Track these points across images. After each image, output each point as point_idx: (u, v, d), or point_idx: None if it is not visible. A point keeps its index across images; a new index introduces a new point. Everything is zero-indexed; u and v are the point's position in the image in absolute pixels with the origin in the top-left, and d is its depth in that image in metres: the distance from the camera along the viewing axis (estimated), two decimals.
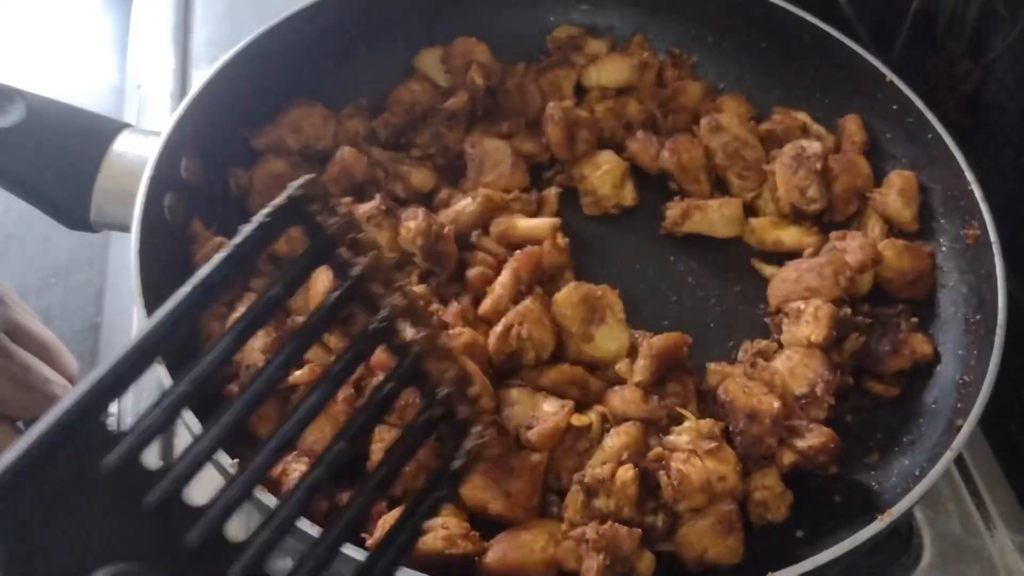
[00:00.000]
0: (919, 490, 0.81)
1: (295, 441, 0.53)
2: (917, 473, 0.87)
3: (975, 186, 0.99)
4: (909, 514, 0.85)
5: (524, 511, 0.84)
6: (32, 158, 0.96)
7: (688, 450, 0.85)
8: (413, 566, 0.72)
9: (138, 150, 0.96)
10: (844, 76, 1.12)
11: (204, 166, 1.01)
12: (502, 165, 1.08)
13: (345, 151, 1.05)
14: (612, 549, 0.79)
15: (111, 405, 0.45)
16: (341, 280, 0.53)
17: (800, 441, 0.88)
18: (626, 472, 0.83)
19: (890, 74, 1.08)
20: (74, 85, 1.42)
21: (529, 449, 0.86)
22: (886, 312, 0.99)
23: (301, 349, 0.52)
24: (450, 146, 1.10)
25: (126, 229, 0.90)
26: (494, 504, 0.84)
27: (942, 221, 1.04)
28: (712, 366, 0.96)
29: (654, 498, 0.85)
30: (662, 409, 0.89)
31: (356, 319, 0.55)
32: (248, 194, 1.04)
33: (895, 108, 1.08)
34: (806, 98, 1.16)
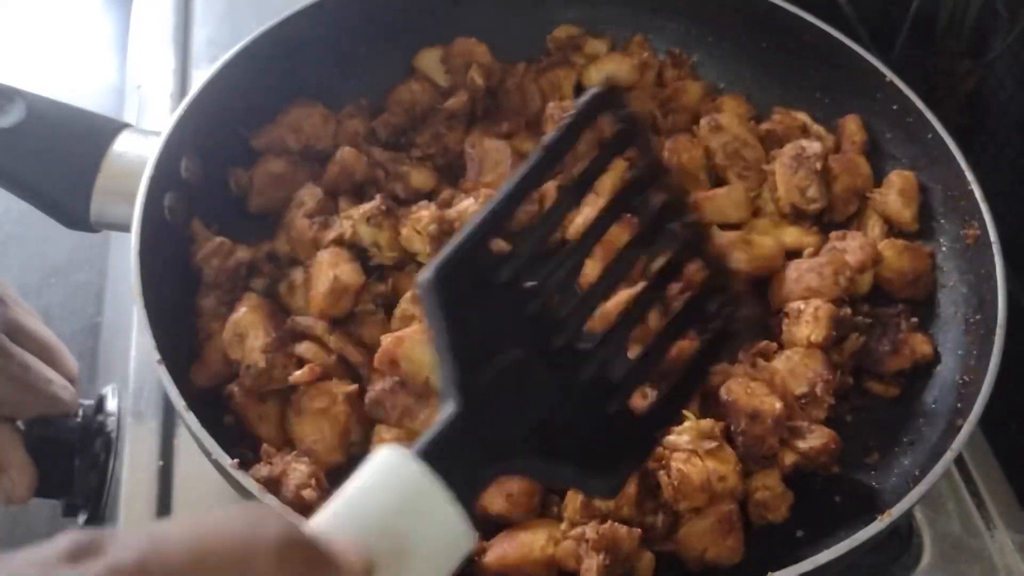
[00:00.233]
0: (919, 490, 0.81)
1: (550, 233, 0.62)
2: (917, 473, 0.87)
3: (975, 186, 0.99)
4: (909, 514, 0.85)
5: (524, 511, 0.84)
6: (32, 158, 0.96)
7: (688, 450, 0.85)
8: None
9: (138, 150, 0.96)
10: (844, 76, 1.12)
11: (204, 166, 1.01)
12: (502, 165, 1.08)
13: (345, 151, 1.05)
14: (612, 549, 0.79)
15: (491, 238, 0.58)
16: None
17: (801, 442, 0.88)
18: None
19: (890, 74, 1.08)
20: (74, 85, 1.42)
21: None
22: (886, 312, 0.99)
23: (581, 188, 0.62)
24: (450, 146, 1.10)
25: (126, 229, 0.90)
26: (494, 504, 0.84)
27: (942, 221, 1.04)
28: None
29: (654, 498, 0.85)
30: None
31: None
32: (248, 194, 1.04)
33: (895, 108, 1.08)
34: (806, 98, 1.16)
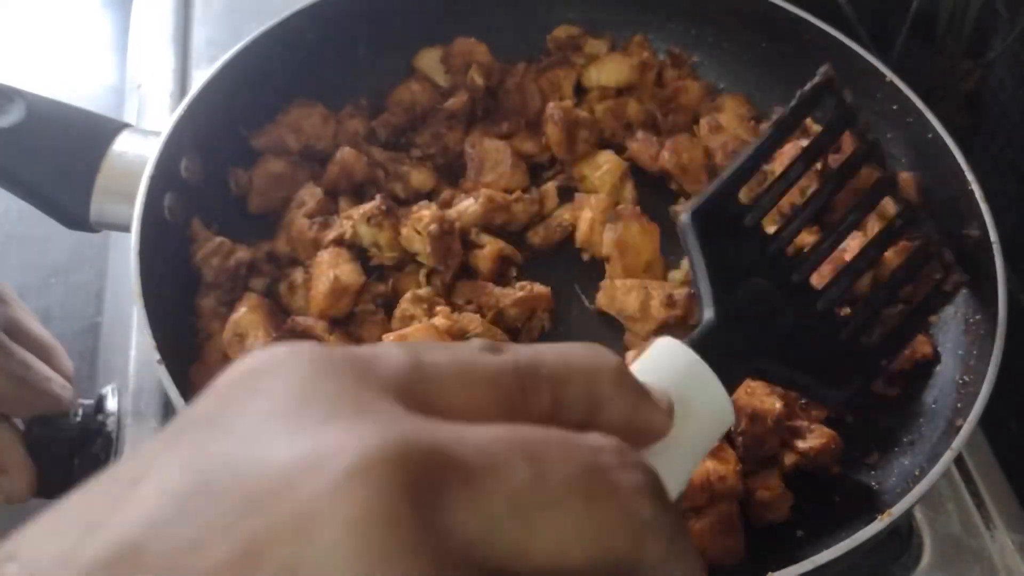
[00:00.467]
0: (919, 490, 0.80)
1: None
2: (917, 473, 0.87)
3: (975, 186, 0.99)
4: (909, 514, 0.85)
5: None
6: (32, 158, 0.96)
7: None
8: None
9: (138, 150, 0.96)
10: (844, 76, 1.11)
11: (204, 166, 1.01)
12: (502, 165, 1.08)
13: (345, 151, 1.05)
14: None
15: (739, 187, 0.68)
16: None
17: (802, 442, 0.88)
18: None
19: (890, 74, 1.08)
20: (74, 85, 1.42)
21: None
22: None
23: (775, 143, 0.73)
24: (450, 146, 1.10)
25: (126, 229, 0.90)
26: None
27: (942, 221, 1.04)
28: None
29: None
30: None
31: None
32: (248, 194, 1.04)
33: (895, 108, 1.08)
34: None
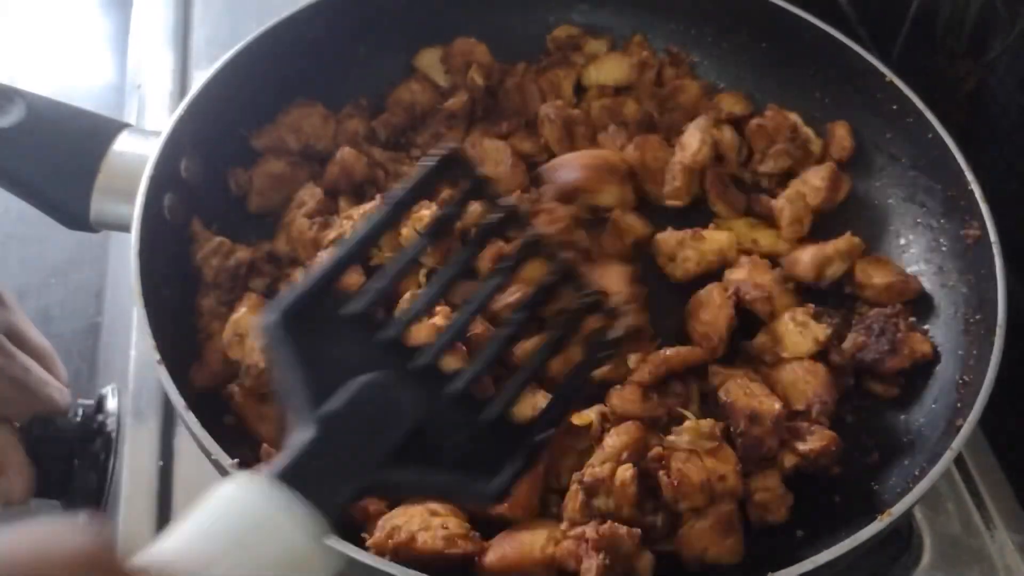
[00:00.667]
0: (919, 490, 0.81)
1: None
2: (917, 473, 0.87)
3: (975, 186, 0.99)
4: (909, 514, 0.85)
5: (524, 511, 0.84)
6: (32, 158, 0.96)
7: (688, 450, 0.85)
8: (413, 566, 0.72)
9: (138, 150, 0.96)
10: (844, 76, 1.12)
11: (204, 166, 1.01)
12: (502, 165, 1.07)
13: (345, 151, 1.05)
14: (612, 549, 0.79)
15: (338, 278, 0.65)
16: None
17: (801, 444, 0.88)
18: (625, 471, 0.83)
19: (890, 74, 1.08)
20: (74, 85, 1.42)
21: None
22: (884, 312, 0.99)
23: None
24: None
25: (126, 229, 0.90)
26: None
27: (942, 221, 1.04)
28: (713, 367, 0.96)
29: (654, 498, 0.85)
30: (661, 407, 0.89)
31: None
32: (248, 194, 1.04)
33: (895, 108, 1.08)
34: (806, 98, 1.16)
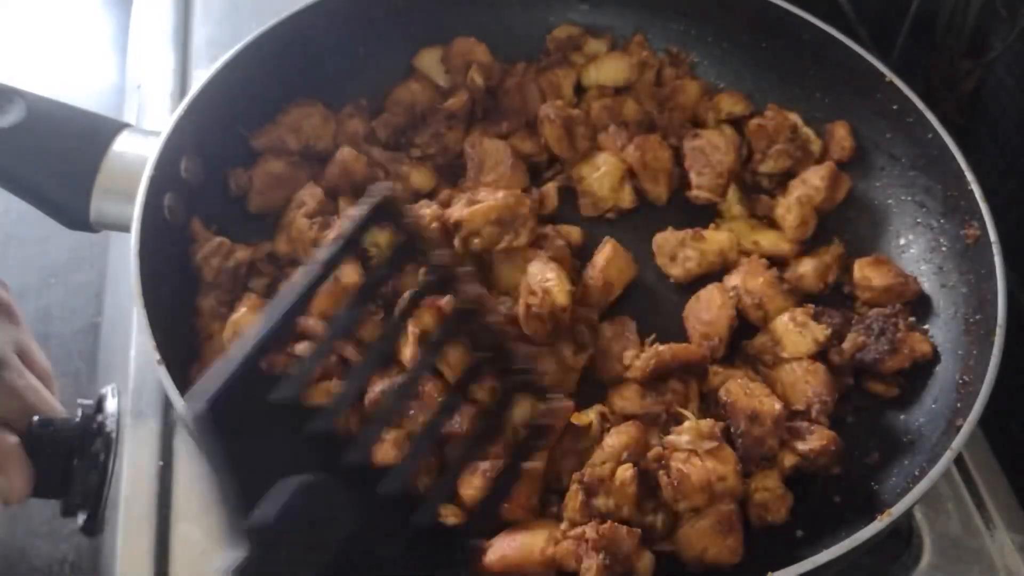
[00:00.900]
0: (919, 490, 0.81)
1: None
2: (917, 473, 0.87)
3: (975, 186, 0.99)
4: (909, 514, 0.85)
5: (524, 511, 0.85)
6: (32, 158, 0.96)
7: (688, 450, 0.85)
8: None
9: (138, 150, 0.96)
10: (844, 76, 1.12)
11: (204, 166, 1.01)
12: (502, 165, 1.08)
13: (345, 151, 1.05)
14: (612, 549, 0.79)
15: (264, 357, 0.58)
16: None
17: (801, 444, 0.88)
18: (625, 471, 0.83)
19: (890, 74, 1.08)
20: (74, 85, 1.42)
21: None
22: (883, 312, 0.99)
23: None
24: (450, 146, 1.10)
25: (126, 229, 0.90)
26: None
27: (942, 221, 1.04)
28: (713, 367, 0.96)
29: (654, 498, 0.85)
30: (660, 405, 0.89)
31: None
32: (248, 194, 1.04)
33: (895, 108, 1.08)
34: (805, 98, 1.16)
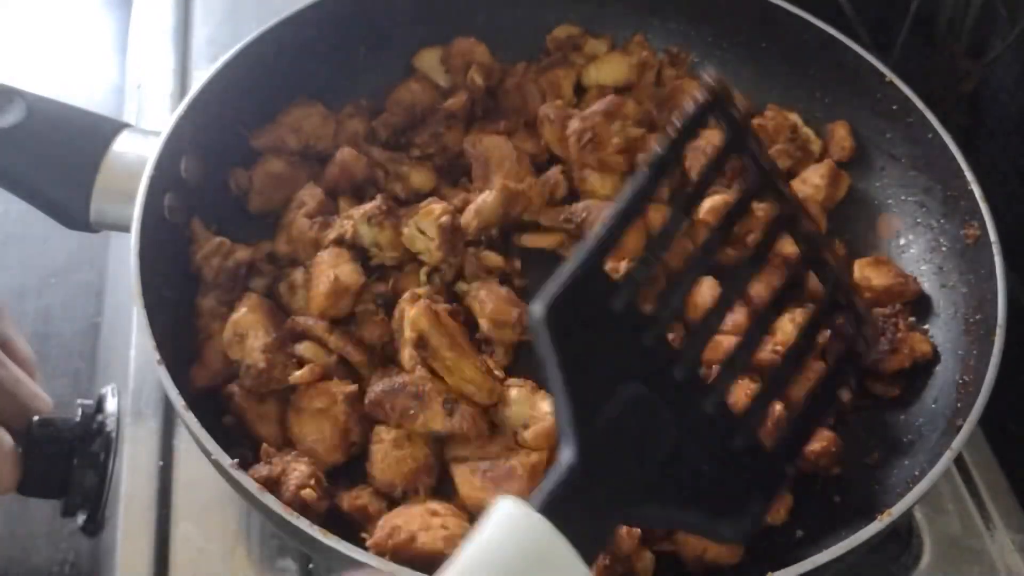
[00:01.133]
0: (919, 490, 0.80)
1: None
2: (917, 473, 0.87)
3: (975, 186, 0.99)
4: (909, 514, 0.85)
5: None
6: (32, 158, 0.96)
7: None
8: (413, 566, 0.72)
9: (138, 150, 0.96)
10: (844, 76, 1.12)
11: (204, 166, 1.01)
12: (508, 160, 1.07)
13: (345, 151, 1.05)
14: (611, 549, 0.79)
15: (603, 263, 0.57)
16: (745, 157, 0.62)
17: None
18: None
19: (890, 74, 1.08)
20: (74, 85, 1.42)
21: (527, 449, 0.86)
22: (883, 312, 0.99)
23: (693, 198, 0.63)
24: (450, 146, 1.10)
25: (126, 229, 0.90)
26: (491, 503, 0.83)
27: (942, 221, 1.04)
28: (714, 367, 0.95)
29: None
30: None
31: None
32: (248, 194, 1.04)
33: (895, 108, 1.08)
34: (805, 98, 1.16)
